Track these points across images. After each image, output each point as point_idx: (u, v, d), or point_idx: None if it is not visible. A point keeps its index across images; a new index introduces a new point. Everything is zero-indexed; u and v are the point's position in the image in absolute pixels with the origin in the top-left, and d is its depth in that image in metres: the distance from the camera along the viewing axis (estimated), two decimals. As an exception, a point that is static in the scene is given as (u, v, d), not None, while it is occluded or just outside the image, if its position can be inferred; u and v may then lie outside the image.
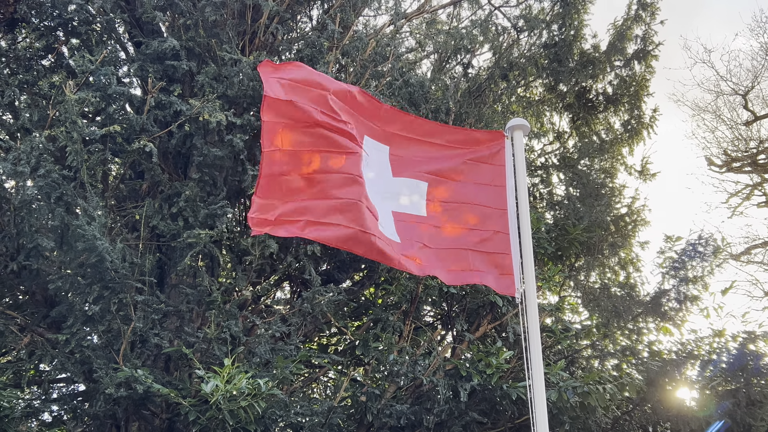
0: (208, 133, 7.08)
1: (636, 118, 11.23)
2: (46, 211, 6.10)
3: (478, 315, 8.32)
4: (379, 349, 7.36)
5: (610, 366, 9.13)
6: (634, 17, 10.97)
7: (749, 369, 8.52)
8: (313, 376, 8.24)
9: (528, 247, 4.50)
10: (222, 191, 7.04)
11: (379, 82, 8.05)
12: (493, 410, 7.57)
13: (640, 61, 11.03)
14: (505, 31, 10.81)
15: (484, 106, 9.97)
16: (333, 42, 7.69)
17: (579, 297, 10.48)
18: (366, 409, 6.86)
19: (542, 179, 11.11)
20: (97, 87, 6.63)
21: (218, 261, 7.01)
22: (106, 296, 6.20)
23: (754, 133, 18.43)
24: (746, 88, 18.14)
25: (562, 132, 11.78)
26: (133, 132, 6.73)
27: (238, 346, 6.53)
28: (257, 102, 7.45)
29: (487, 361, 7.15)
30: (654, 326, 9.27)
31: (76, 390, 7.26)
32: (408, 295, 8.03)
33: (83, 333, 6.29)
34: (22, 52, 7.18)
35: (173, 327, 6.76)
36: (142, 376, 5.82)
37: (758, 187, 18.45)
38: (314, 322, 7.43)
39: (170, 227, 6.70)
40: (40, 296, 6.57)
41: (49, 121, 6.48)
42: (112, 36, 7.54)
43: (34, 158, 5.95)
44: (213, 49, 7.36)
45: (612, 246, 9.95)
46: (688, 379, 8.74)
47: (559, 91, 11.23)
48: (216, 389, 5.59)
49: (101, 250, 5.90)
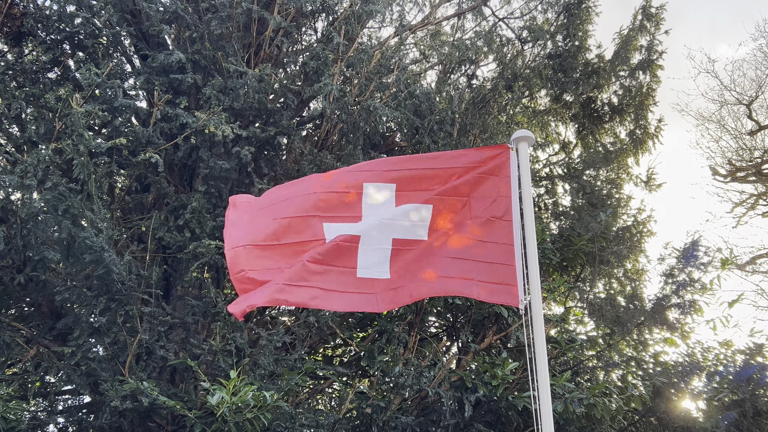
0: (214, 145, 7.11)
1: (641, 128, 11.22)
2: (53, 224, 6.12)
3: (483, 326, 8.30)
4: (384, 360, 7.35)
5: (615, 377, 9.09)
6: (639, 27, 10.98)
7: (755, 380, 8.49)
8: (318, 387, 8.23)
9: (533, 258, 4.50)
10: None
11: (384, 94, 8.07)
12: (498, 422, 7.55)
13: (645, 71, 11.02)
14: (509, 42, 10.84)
15: (489, 117, 9.98)
16: (338, 54, 7.72)
17: (584, 308, 10.45)
18: (371, 421, 6.85)
19: (547, 189, 11.11)
20: (103, 100, 6.67)
21: (224, 272, 7.03)
22: (112, 308, 6.21)
23: (759, 142, 18.41)
24: (750, 98, 18.13)
25: (567, 142, 11.77)
26: (139, 144, 6.76)
27: (244, 357, 6.54)
28: (263, 114, 7.48)
29: (492, 372, 7.13)
30: (659, 336, 9.24)
31: (82, 402, 7.27)
32: (413, 306, 8.02)
33: (89, 345, 6.30)
34: (29, 65, 7.23)
35: (179, 339, 6.77)
36: (147, 389, 5.82)
37: (763, 196, 18.41)
38: (319, 334, 7.43)
39: (176, 239, 6.71)
40: (46, 308, 6.59)
41: (56, 134, 6.52)
42: (118, 49, 7.58)
43: (41, 171, 5.98)
44: (219, 61, 7.40)
45: (618, 256, 9.93)
46: (694, 390, 8.70)
47: (565, 101, 11.23)
48: (222, 401, 5.59)
49: (108, 261, 5.93)
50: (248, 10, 7.39)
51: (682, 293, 9.01)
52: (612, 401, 7.36)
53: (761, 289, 17.64)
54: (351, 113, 7.64)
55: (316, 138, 8.18)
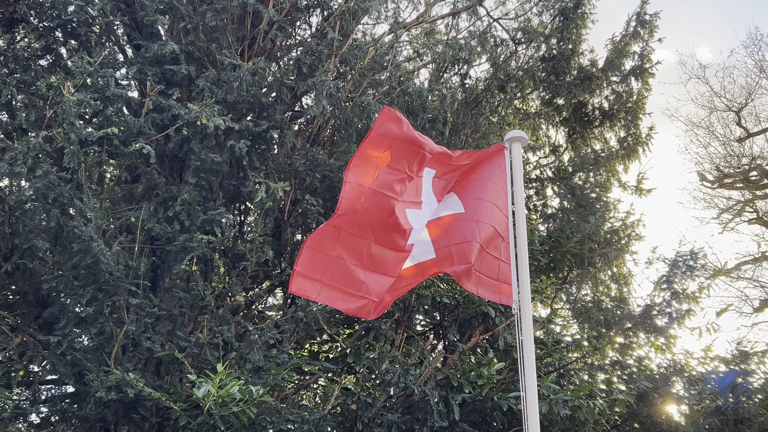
0: (205, 137, 7.07)
1: (632, 136, 11.26)
2: (41, 212, 6.07)
3: (470, 325, 8.31)
4: (370, 357, 7.34)
5: (600, 380, 9.13)
6: (632, 34, 11.00)
7: (738, 386, 8.55)
8: (303, 383, 8.22)
9: (524, 259, 4.52)
10: (218, 196, 7.03)
11: (377, 91, 8.06)
12: (483, 421, 7.57)
13: (637, 78, 11.06)
14: (503, 43, 10.85)
15: (481, 117, 9.99)
16: (332, 50, 7.70)
17: (570, 310, 10.49)
18: (357, 417, 6.84)
19: (537, 191, 11.14)
20: (95, 89, 6.63)
21: (212, 266, 7.00)
22: (99, 298, 6.18)
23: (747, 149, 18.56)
24: (740, 105, 18.27)
25: (557, 145, 11.81)
26: (131, 135, 6.72)
27: (231, 351, 6.52)
28: (255, 107, 7.46)
29: (478, 371, 7.14)
30: (645, 341, 9.28)
31: (65, 392, 7.22)
32: (400, 304, 8.02)
33: (75, 335, 6.26)
34: (21, 52, 7.17)
35: (165, 331, 6.74)
36: (133, 380, 5.80)
37: (749, 203, 18.56)
38: (306, 329, 7.41)
39: (165, 231, 6.68)
40: (32, 297, 6.54)
41: (46, 122, 6.47)
42: (111, 38, 7.52)
43: (31, 158, 5.94)
44: (212, 53, 7.37)
45: (606, 259, 9.96)
46: (677, 394, 8.76)
47: (556, 104, 11.26)
48: (208, 394, 5.57)
49: (97, 251, 5.89)
50: (243, 2, 7.36)
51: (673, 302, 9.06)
52: (596, 404, 7.40)
53: (745, 295, 17.80)
54: (344, 109, 7.63)
55: (308, 133, 8.16)
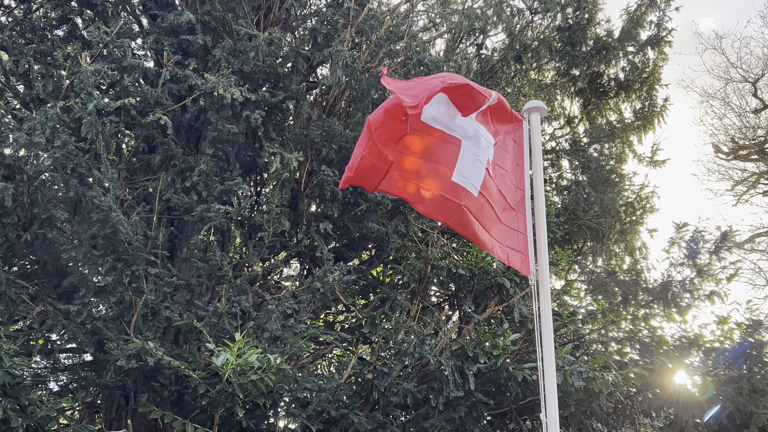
0: (222, 108, 7.07)
1: (648, 107, 11.17)
2: (60, 182, 6.11)
3: (485, 296, 8.35)
4: (386, 328, 7.39)
5: (613, 350, 9.17)
6: (649, 3, 10.88)
7: (753, 357, 8.56)
8: (319, 352, 8.29)
9: (542, 230, 4.51)
10: (235, 166, 7.04)
11: (393, 61, 8.01)
12: (498, 391, 7.63)
13: (654, 48, 10.95)
14: (519, 12, 10.74)
15: (497, 88, 9.93)
16: (348, 19, 7.65)
17: (584, 282, 10.51)
18: (373, 386, 6.91)
19: (552, 163, 11.10)
20: (112, 59, 6.62)
21: (229, 236, 7.03)
22: (118, 268, 6.22)
23: (763, 121, 18.40)
24: (756, 76, 18.08)
25: (572, 117, 11.74)
26: (147, 105, 6.72)
27: (248, 321, 6.57)
28: (271, 78, 7.43)
29: (494, 342, 7.18)
30: (660, 313, 9.29)
31: (84, 360, 7.31)
32: (416, 275, 8.05)
33: (94, 304, 6.32)
34: (37, 22, 7.16)
35: (183, 300, 6.79)
36: (152, 349, 5.86)
37: (764, 175, 18.44)
38: (323, 300, 7.46)
39: (183, 201, 6.71)
40: (51, 266, 6.59)
41: (63, 92, 6.47)
42: (126, 8, 7.50)
43: (49, 129, 5.95)
44: (228, 23, 7.34)
45: (621, 232, 9.95)
46: (691, 365, 8.78)
47: (572, 75, 11.17)
48: (227, 363, 5.63)
49: (116, 221, 5.92)
50: (259, -29, 7.32)
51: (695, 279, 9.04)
52: (610, 375, 7.44)
53: (759, 267, 17.76)
54: (360, 80, 7.59)
55: (324, 104, 8.14)
